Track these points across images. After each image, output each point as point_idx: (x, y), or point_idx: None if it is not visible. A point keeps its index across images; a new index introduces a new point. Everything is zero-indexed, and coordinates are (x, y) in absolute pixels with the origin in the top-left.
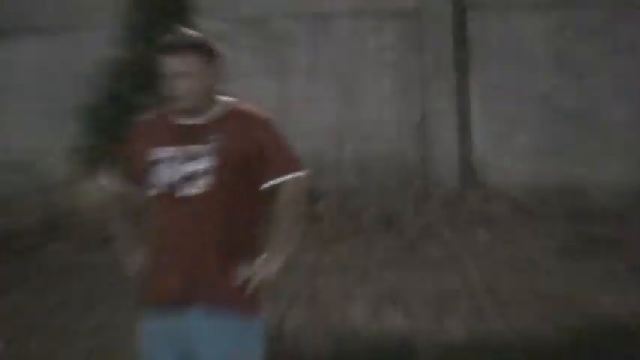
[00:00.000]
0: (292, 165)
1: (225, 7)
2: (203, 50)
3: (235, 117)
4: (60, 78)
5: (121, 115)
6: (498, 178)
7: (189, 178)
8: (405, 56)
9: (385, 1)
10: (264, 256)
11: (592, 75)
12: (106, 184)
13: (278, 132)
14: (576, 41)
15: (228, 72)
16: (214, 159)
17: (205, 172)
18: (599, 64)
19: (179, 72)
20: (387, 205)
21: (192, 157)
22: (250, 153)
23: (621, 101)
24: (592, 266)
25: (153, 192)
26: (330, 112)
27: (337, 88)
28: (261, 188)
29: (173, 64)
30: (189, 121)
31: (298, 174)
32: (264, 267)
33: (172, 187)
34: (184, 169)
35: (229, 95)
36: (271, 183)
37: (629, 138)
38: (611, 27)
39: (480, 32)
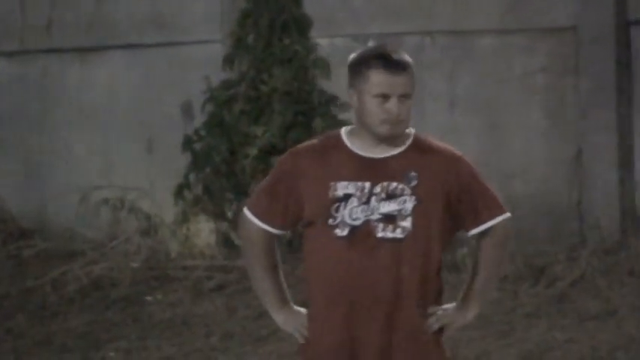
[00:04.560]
0: (499, 206)
1: (348, 23)
2: (413, 72)
3: (424, 151)
4: (157, 102)
5: (234, 147)
6: None
7: (389, 219)
8: (558, 81)
9: (535, 17)
10: (458, 301)
11: None
12: (251, 217)
13: (476, 170)
14: None
15: None
16: (415, 198)
17: (407, 213)
18: None
19: (404, 94)
20: (536, 253)
21: (392, 196)
22: (450, 194)
23: None
24: None
25: (339, 232)
26: (471, 146)
27: (479, 117)
28: (470, 233)
29: (399, 83)
30: (380, 154)
31: (505, 216)
32: (460, 314)
33: (370, 228)
34: (383, 208)
35: None
36: (482, 227)
37: None
38: None
39: None
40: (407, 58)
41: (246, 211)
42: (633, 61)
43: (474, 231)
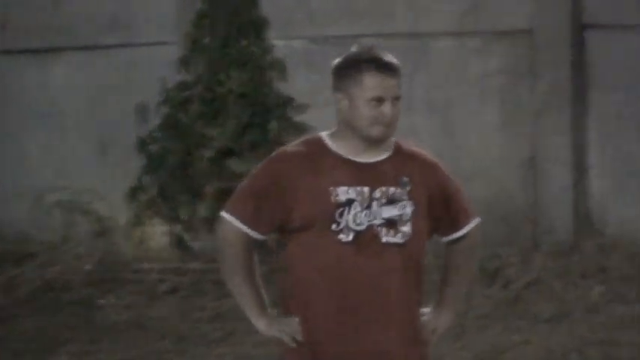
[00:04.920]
0: (472, 212)
1: (306, 25)
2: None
3: (409, 156)
4: (113, 104)
5: (188, 149)
6: (618, 226)
7: (391, 224)
8: (513, 83)
9: (492, 19)
10: (436, 307)
11: None
12: (234, 222)
13: (451, 175)
14: None
15: (311, 100)
16: (412, 203)
17: (408, 218)
18: None
19: (397, 96)
20: (490, 256)
21: (393, 200)
22: (432, 199)
23: None
24: None
25: (343, 237)
26: (427, 147)
27: (435, 119)
28: (447, 239)
29: (392, 85)
30: (370, 159)
31: (478, 221)
32: (442, 319)
33: (374, 233)
34: (385, 213)
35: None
36: (460, 233)
37: None
38: None
39: (602, 55)
40: (396, 60)
41: (228, 215)
42: (588, 64)
43: (452, 237)
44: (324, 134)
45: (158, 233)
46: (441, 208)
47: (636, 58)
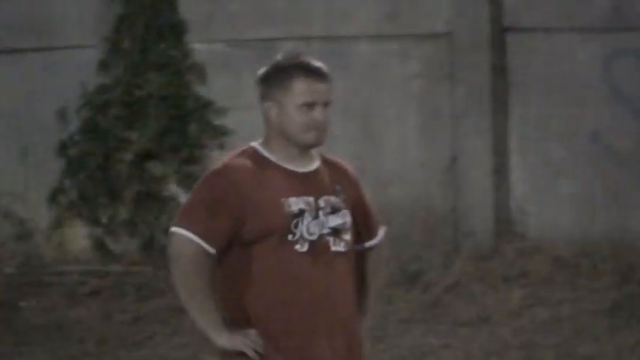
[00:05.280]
0: (380, 221)
1: (225, 28)
2: None
3: (332, 165)
4: (33, 107)
5: (108, 152)
6: (539, 229)
7: (337, 233)
8: (433, 87)
9: (411, 23)
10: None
11: None
12: (189, 235)
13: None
14: (634, 71)
15: (231, 103)
16: (349, 212)
17: (349, 227)
18: None
19: (327, 101)
20: (411, 259)
21: (336, 209)
22: (357, 209)
23: None
24: None
25: (299, 248)
26: (347, 151)
27: (355, 123)
28: (367, 245)
29: (323, 90)
30: (306, 168)
31: (385, 228)
32: (366, 323)
33: (324, 243)
34: (331, 222)
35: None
36: (376, 240)
37: None
38: None
39: (522, 60)
40: (324, 65)
41: (181, 230)
42: (508, 67)
43: (368, 244)
44: (255, 145)
45: (79, 236)
46: (361, 217)
47: (557, 61)
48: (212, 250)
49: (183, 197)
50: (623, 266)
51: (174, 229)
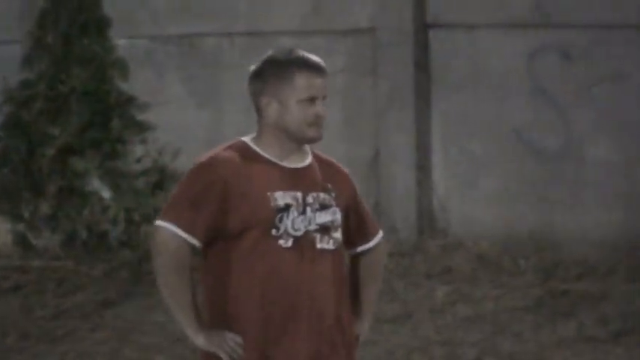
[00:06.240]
0: (377, 226)
1: (148, 23)
2: None
3: (325, 163)
4: None
5: (31, 147)
6: (462, 226)
7: (324, 230)
8: (356, 82)
9: (335, 18)
10: (357, 314)
11: (573, 107)
12: (174, 229)
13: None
14: (556, 68)
15: (154, 98)
16: (339, 210)
17: (338, 224)
18: (582, 95)
19: (326, 96)
20: None
21: (325, 206)
22: (350, 210)
23: (606, 138)
24: (565, 326)
25: (283, 243)
26: None
27: None
28: (358, 251)
29: (323, 85)
30: (297, 164)
31: (381, 232)
32: (362, 327)
33: (310, 239)
34: (319, 219)
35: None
36: (371, 244)
37: (613, 181)
38: (597, 50)
39: (445, 55)
40: (321, 59)
41: (166, 223)
42: (431, 63)
43: (363, 248)
44: (247, 139)
45: (1, 231)
46: (355, 220)
47: (480, 57)
48: (197, 243)
49: (105, 192)
50: (545, 263)
51: (159, 222)
